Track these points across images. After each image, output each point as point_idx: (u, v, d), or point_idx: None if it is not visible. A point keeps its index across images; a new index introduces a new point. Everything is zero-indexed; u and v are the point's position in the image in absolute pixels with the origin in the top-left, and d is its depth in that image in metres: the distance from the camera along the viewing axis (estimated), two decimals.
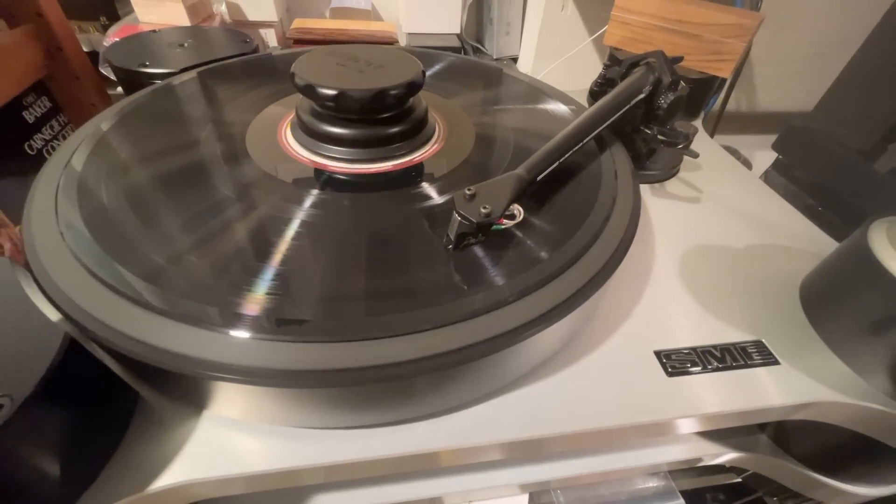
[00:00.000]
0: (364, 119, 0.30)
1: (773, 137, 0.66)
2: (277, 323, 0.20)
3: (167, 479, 0.20)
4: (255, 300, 0.20)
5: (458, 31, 0.75)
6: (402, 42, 0.74)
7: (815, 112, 0.63)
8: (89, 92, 0.59)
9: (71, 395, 0.18)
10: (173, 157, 0.30)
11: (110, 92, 0.62)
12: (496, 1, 0.73)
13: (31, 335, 0.18)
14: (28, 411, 0.16)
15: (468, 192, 0.23)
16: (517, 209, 0.24)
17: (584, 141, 0.30)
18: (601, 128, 0.32)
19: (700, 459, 0.33)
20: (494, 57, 0.77)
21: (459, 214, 0.22)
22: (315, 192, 0.27)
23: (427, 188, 0.28)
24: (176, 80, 0.37)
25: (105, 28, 0.66)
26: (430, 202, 0.27)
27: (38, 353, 0.18)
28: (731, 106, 0.73)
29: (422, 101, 0.33)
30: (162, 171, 0.28)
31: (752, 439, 0.32)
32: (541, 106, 0.39)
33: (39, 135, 0.57)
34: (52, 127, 0.59)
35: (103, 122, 0.31)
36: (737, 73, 0.69)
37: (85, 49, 0.60)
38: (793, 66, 0.76)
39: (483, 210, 0.22)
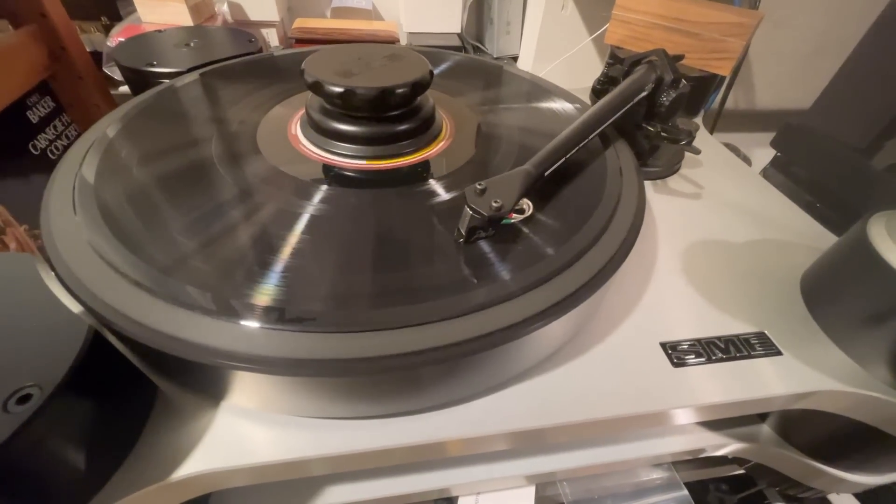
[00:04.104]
0: (374, 117, 0.30)
1: (770, 135, 0.67)
2: (292, 313, 0.20)
3: (188, 468, 0.21)
4: (271, 292, 0.21)
5: (458, 31, 0.76)
6: (403, 41, 0.75)
7: (813, 110, 0.64)
8: (93, 92, 0.60)
9: (95, 385, 0.19)
10: (187, 154, 0.30)
11: (113, 92, 0.62)
12: (496, 0, 0.73)
13: (56, 328, 0.19)
14: (56, 400, 0.17)
15: (479, 187, 0.24)
16: (526, 203, 0.25)
17: (590, 137, 0.31)
18: (605, 124, 0.32)
19: (703, 450, 0.33)
20: (495, 56, 0.77)
21: (471, 208, 0.23)
22: (326, 188, 0.28)
23: (436, 184, 0.29)
24: (186, 80, 0.38)
25: (106, 28, 0.66)
26: (440, 198, 0.28)
27: (64, 345, 0.18)
28: (729, 104, 0.74)
29: (429, 99, 0.33)
30: (176, 167, 0.29)
31: (754, 430, 0.33)
32: (546, 104, 0.40)
33: (43, 135, 0.57)
34: (55, 127, 0.59)
35: (117, 119, 0.32)
36: (735, 72, 0.70)
37: (87, 49, 0.60)
38: (790, 64, 0.77)
39: (494, 204, 0.23)
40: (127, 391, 0.21)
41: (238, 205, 0.26)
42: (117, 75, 0.57)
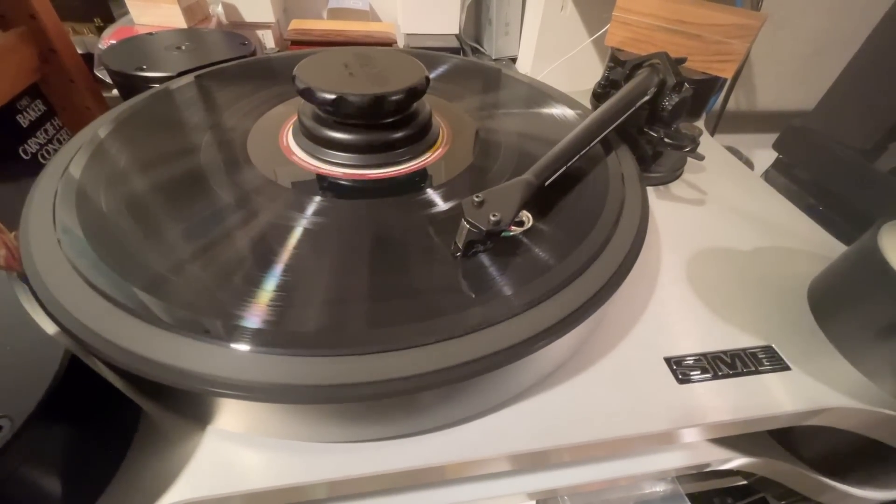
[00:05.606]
0: (368, 124, 0.29)
1: (772, 136, 0.66)
2: (281, 336, 0.19)
3: (172, 496, 0.20)
4: (259, 313, 0.20)
5: (456, 32, 0.75)
6: (401, 43, 0.74)
7: (816, 111, 0.63)
8: (84, 95, 0.58)
9: (72, 412, 0.18)
10: (174, 165, 0.29)
11: (105, 95, 0.61)
12: (495, 1, 0.72)
13: (29, 350, 0.18)
14: (28, 432, 0.16)
15: (476, 199, 0.23)
16: (526, 216, 0.24)
17: (592, 144, 0.30)
18: (608, 130, 0.31)
19: (708, 465, 0.33)
20: (493, 57, 0.76)
21: (468, 222, 0.22)
22: (319, 199, 0.27)
23: (433, 194, 0.28)
24: (174, 84, 0.37)
25: (100, 30, 0.65)
26: (436, 208, 0.27)
27: (37, 370, 0.17)
28: (730, 105, 0.73)
29: (426, 104, 0.32)
30: (162, 178, 0.28)
31: (761, 444, 0.32)
32: (546, 109, 0.39)
33: (34, 139, 0.56)
34: (46, 131, 0.58)
35: (101, 128, 0.31)
36: (737, 73, 0.69)
37: (79, 51, 0.59)
38: (792, 65, 0.76)
39: (492, 217, 0.22)
40: (107, 415, 0.20)
41: (225, 219, 0.25)
42: (109, 78, 0.56)
